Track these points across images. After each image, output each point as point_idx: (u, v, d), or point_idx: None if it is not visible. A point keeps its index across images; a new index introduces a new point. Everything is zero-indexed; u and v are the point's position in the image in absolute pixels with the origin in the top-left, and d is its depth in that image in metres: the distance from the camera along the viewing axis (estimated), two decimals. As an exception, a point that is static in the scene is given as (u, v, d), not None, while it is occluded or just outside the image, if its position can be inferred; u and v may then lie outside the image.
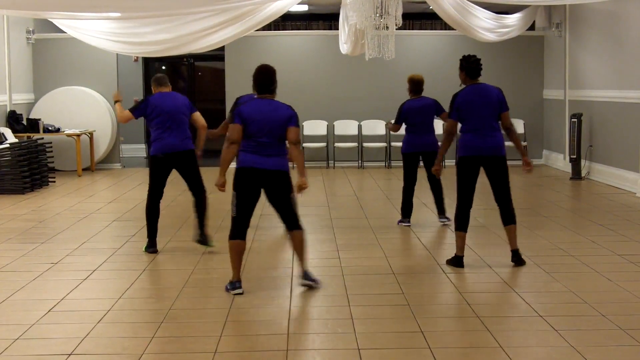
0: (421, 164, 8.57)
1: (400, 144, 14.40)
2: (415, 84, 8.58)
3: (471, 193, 6.61)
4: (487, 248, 7.37)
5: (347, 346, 4.68)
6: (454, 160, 8.62)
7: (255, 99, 5.89)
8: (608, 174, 11.81)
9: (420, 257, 7.19)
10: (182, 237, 8.11)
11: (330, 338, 4.92)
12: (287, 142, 5.84)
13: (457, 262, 6.62)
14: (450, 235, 8.12)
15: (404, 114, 8.52)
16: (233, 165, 5.89)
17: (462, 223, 6.63)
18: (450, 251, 7.60)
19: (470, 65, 6.59)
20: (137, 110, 7.26)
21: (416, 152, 8.50)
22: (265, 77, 5.87)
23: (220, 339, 4.81)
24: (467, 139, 6.57)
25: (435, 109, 8.50)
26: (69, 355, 4.56)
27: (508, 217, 6.64)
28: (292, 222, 5.96)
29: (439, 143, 8.45)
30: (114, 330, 5.05)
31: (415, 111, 8.46)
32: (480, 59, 6.63)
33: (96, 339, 4.86)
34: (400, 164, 8.74)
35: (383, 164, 14.58)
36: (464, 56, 6.67)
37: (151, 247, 7.35)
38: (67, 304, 5.66)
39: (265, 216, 9.21)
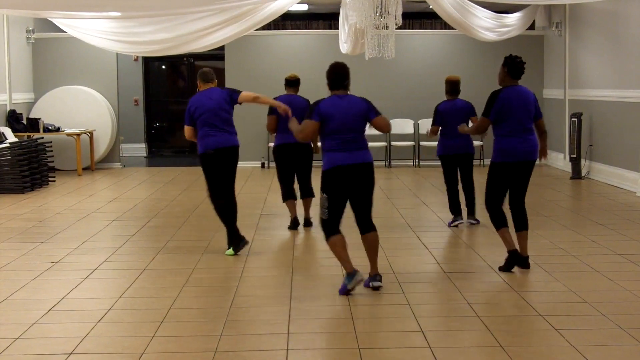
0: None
1: (399, 143, 14.58)
2: (452, 85, 8.53)
3: (503, 195, 6.51)
4: (487, 248, 7.37)
5: (347, 346, 4.68)
6: (477, 160, 8.62)
7: (331, 96, 5.91)
8: (608, 174, 11.81)
9: (421, 257, 7.18)
10: (182, 236, 8.11)
11: (330, 337, 4.92)
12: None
13: (512, 257, 6.41)
14: (451, 235, 8.12)
15: (440, 115, 8.49)
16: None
17: (499, 220, 6.46)
18: (449, 250, 7.61)
19: (515, 65, 6.42)
20: (187, 119, 7.16)
21: (450, 155, 8.45)
22: (338, 74, 5.93)
23: (220, 338, 4.81)
24: (504, 144, 6.41)
25: (469, 111, 8.46)
26: (69, 354, 4.56)
27: (521, 222, 6.52)
28: (368, 222, 5.92)
29: (474, 143, 8.48)
30: (114, 330, 5.05)
31: (450, 113, 8.43)
32: (525, 62, 6.50)
33: (96, 338, 4.86)
34: (401, 163, 8.87)
35: (383, 163, 14.58)
36: (510, 55, 6.50)
37: (238, 241, 7.13)
38: (67, 303, 5.66)
39: (265, 216, 9.21)
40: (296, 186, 8.51)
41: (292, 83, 8.50)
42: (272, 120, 8.31)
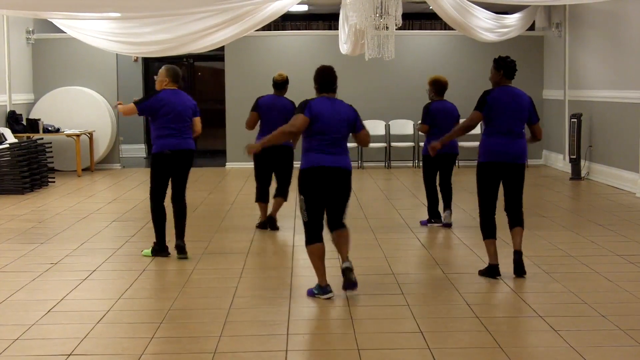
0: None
1: (399, 144, 14.58)
2: (443, 86, 8.54)
3: (494, 199, 6.32)
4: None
5: (347, 346, 4.68)
6: (469, 161, 8.57)
7: (321, 97, 5.85)
8: (608, 174, 11.81)
9: (420, 258, 7.19)
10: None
11: (330, 338, 4.92)
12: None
13: (491, 271, 6.27)
14: (450, 235, 8.12)
15: (431, 115, 8.47)
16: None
17: (488, 230, 6.31)
18: (448, 251, 7.61)
19: (508, 65, 6.30)
20: (146, 104, 7.04)
21: (435, 155, 8.38)
22: (328, 76, 5.90)
23: (219, 339, 4.81)
24: (491, 143, 6.28)
25: (456, 113, 8.50)
26: (69, 355, 4.56)
27: (515, 220, 6.32)
28: (339, 222, 5.81)
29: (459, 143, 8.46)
30: (113, 331, 5.05)
31: (440, 113, 8.44)
32: (515, 60, 6.39)
33: (96, 339, 4.86)
34: (401, 164, 8.82)
35: (383, 164, 14.59)
36: (500, 57, 6.37)
37: (161, 250, 7.10)
38: (66, 304, 5.66)
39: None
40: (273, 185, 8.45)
41: (279, 85, 8.40)
42: (253, 116, 8.27)
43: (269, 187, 8.39)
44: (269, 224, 8.39)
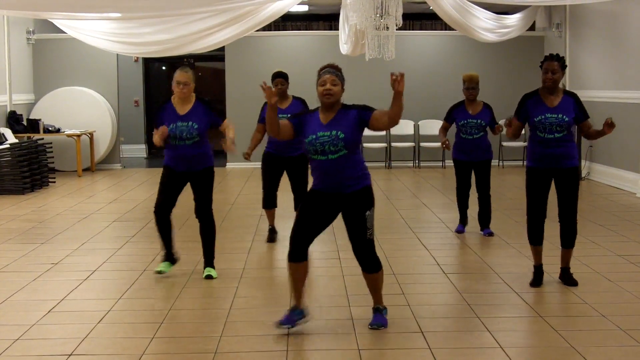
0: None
1: (399, 144, 14.58)
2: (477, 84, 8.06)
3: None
4: (487, 249, 7.37)
5: (347, 347, 4.68)
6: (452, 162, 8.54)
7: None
8: (608, 175, 11.81)
9: (421, 258, 7.18)
10: (181, 237, 8.09)
11: (331, 338, 4.92)
12: None
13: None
14: (451, 236, 8.12)
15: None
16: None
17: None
18: (449, 251, 7.60)
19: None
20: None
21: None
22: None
23: (220, 339, 4.81)
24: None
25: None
26: (69, 355, 4.56)
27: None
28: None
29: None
30: (114, 331, 5.05)
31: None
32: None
33: (96, 339, 4.86)
34: (401, 164, 8.78)
35: (383, 164, 14.59)
36: (560, 55, 6.03)
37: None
38: (67, 304, 5.66)
39: (264, 217, 9.20)
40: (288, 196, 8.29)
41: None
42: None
43: (276, 192, 7.95)
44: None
